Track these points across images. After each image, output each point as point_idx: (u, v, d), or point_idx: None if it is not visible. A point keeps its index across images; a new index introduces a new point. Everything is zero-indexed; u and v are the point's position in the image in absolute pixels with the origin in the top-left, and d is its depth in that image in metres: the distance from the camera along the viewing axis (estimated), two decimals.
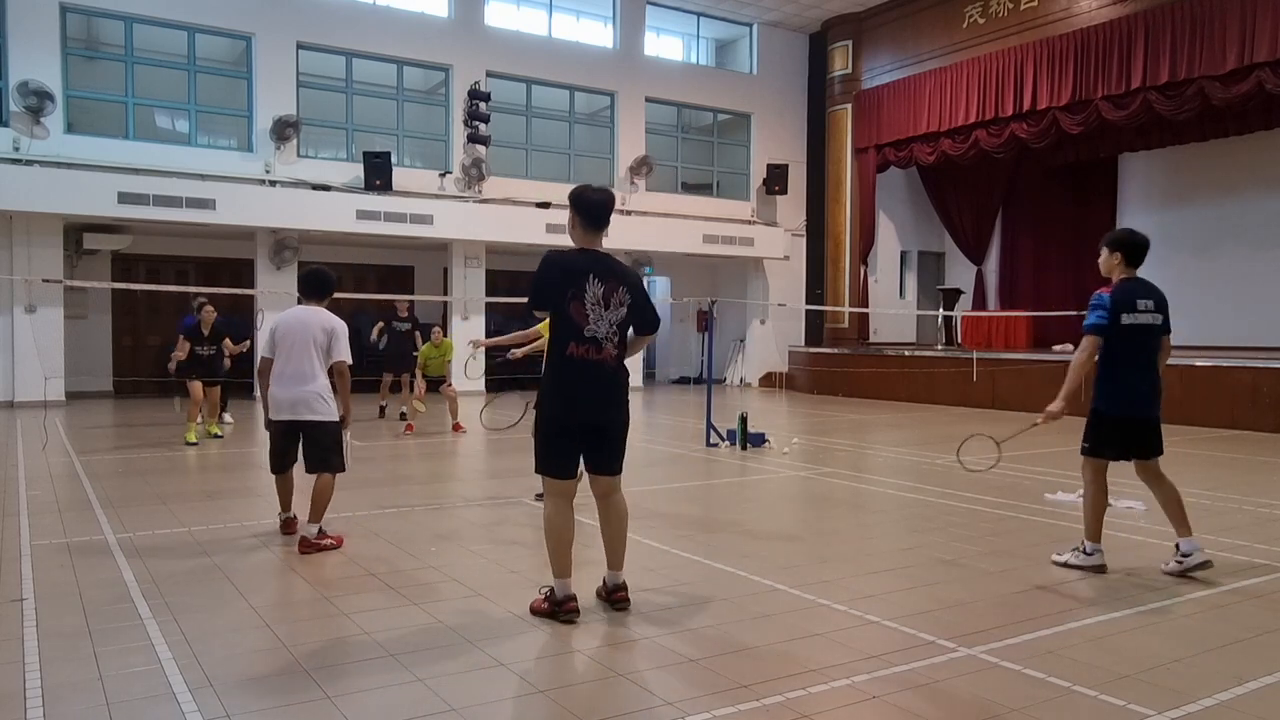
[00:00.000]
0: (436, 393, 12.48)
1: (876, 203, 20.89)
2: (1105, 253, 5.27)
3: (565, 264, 4.26)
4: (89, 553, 5.45)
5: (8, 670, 3.59)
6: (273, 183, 16.13)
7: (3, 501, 6.95)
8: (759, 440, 10.51)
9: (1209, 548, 5.25)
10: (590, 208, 4.31)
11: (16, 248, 14.40)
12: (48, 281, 13.60)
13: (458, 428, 11.70)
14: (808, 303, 21.14)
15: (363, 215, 16.27)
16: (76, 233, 15.16)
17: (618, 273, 4.31)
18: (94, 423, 12.71)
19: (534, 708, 3.36)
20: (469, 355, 10.68)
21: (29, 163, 14.29)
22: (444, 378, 12.35)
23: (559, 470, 4.31)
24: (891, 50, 19.81)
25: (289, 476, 5.97)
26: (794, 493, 8.06)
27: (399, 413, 12.94)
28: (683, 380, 22.32)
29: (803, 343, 21.61)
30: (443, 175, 17.67)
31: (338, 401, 5.76)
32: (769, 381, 21.28)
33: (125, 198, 14.45)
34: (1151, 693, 3.47)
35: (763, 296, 21.24)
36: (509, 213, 17.88)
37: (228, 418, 12.11)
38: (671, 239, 19.45)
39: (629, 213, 18.59)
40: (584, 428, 4.29)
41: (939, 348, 19.59)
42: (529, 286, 4.34)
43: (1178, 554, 5.13)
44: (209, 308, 10.83)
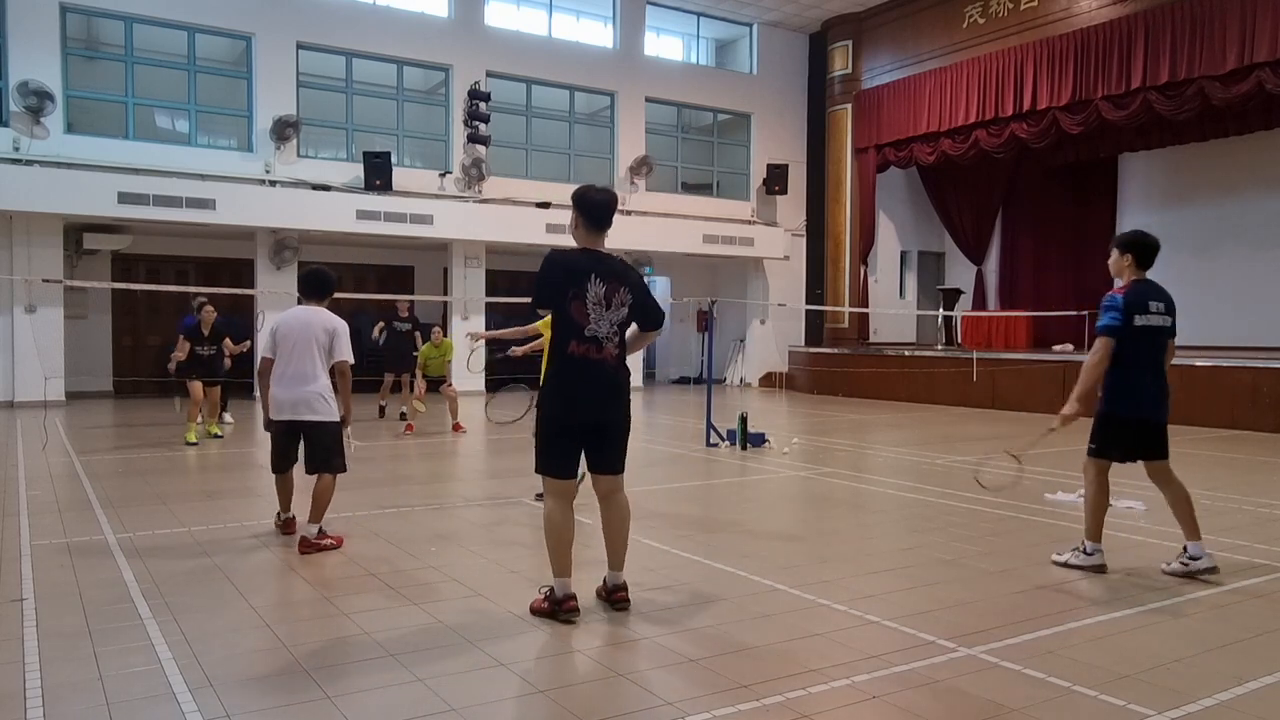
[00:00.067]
0: (436, 393, 12.47)
1: (876, 203, 20.89)
2: (1116, 254, 5.24)
3: (567, 264, 4.26)
4: (89, 553, 5.45)
5: (8, 670, 3.59)
6: (273, 183, 16.13)
7: (3, 501, 6.95)
8: (759, 440, 10.52)
9: (1209, 548, 5.24)
10: (592, 208, 4.32)
11: (16, 248, 14.40)
12: (48, 281, 13.59)
13: (458, 428, 11.70)
14: (808, 303, 21.14)
15: (363, 215, 16.27)
16: (76, 233, 15.16)
17: (619, 273, 4.31)
18: (94, 423, 12.71)
19: (534, 708, 3.36)
20: (469, 349, 10.65)
21: (29, 163, 14.30)
22: (444, 378, 12.35)
23: (559, 470, 4.32)
24: (891, 50, 19.81)
25: (289, 477, 5.97)
26: (794, 493, 8.06)
27: (399, 413, 12.95)
28: (683, 380, 22.32)
29: (803, 343, 21.60)
30: (443, 175, 17.67)
31: (338, 401, 5.76)
32: (769, 381, 21.28)
33: (125, 198, 14.46)
34: (1152, 693, 3.47)
35: (763, 296, 21.23)
36: (509, 213, 17.88)
37: (228, 418, 12.12)
38: (671, 239, 19.45)
39: (629, 213, 18.57)
40: (585, 427, 4.29)
41: (939, 348, 19.59)
42: (532, 286, 4.35)
43: (1184, 555, 5.11)
44: (209, 308, 10.84)
